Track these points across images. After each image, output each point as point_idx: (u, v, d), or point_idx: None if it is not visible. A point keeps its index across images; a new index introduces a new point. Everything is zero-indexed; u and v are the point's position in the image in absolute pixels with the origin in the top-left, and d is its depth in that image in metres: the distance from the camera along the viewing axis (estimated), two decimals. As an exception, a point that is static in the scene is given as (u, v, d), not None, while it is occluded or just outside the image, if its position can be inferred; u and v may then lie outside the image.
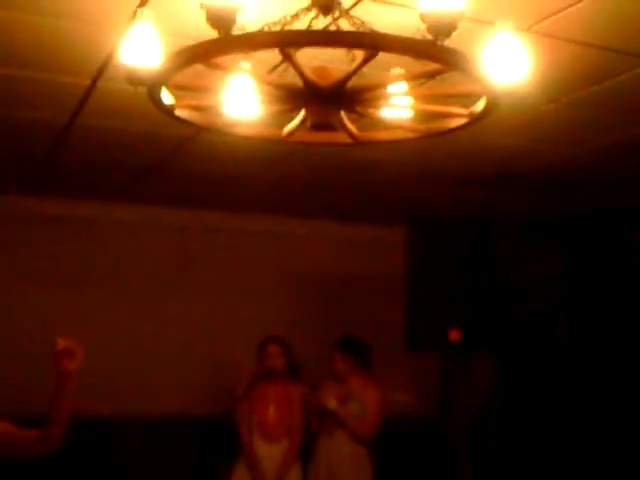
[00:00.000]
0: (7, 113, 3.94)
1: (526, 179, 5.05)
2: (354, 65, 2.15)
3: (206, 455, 6.12)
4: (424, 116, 2.73)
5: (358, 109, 2.46)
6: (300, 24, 2.28)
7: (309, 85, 2.25)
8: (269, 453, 5.28)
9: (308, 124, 2.49)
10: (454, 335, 5.21)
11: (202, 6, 1.94)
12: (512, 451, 6.48)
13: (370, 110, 2.51)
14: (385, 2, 2.67)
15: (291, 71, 2.30)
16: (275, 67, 3.00)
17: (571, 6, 2.70)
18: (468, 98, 2.48)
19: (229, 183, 5.56)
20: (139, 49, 2.19)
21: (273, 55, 2.44)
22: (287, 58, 2.11)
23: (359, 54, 2.15)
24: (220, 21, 1.95)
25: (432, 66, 2.23)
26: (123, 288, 6.31)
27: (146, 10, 2.24)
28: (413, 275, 5.42)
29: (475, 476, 6.55)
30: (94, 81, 3.38)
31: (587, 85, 3.48)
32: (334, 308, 6.64)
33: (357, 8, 2.60)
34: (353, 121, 2.64)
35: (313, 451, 5.48)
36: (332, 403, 5.33)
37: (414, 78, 2.28)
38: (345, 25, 2.29)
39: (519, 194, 5.51)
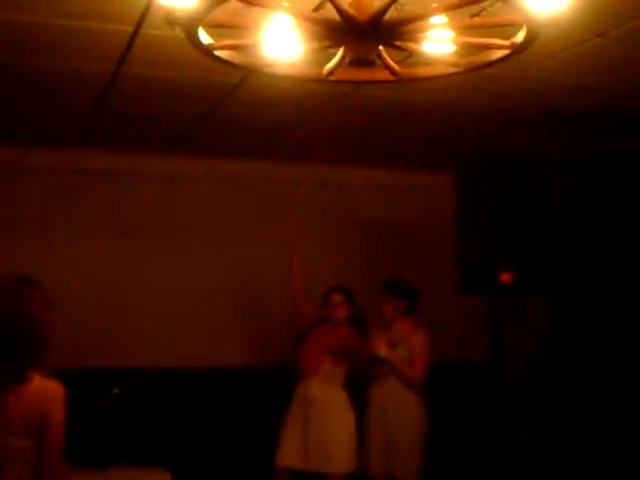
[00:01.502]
0: (52, 64, 3.98)
1: (576, 117, 4.96)
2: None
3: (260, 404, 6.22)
4: (466, 51, 2.70)
5: (397, 43, 2.44)
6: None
7: (346, 19, 2.24)
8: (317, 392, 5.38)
9: (348, 61, 2.48)
10: (505, 278, 5.18)
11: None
12: (567, 398, 6.44)
13: (410, 44, 2.49)
14: None
15: (329, 6, 2.29)
16: (315, 8, 2.98)
17: None
18: (510, 30, 2.44)
19: (278, 131, 5.57)
20: (176, -11, 2.20)
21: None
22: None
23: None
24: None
25: (470, -5, 2.19)
26: (174, 240, 6.38)
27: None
28: (463, 218, 5.38)
29: (531, 424, 6.54)
30: (137, 28, 3.39)
31: (637, 16, 3.38)
32: (386, 255, 6.64)
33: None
34: (397, 62, 2.62)
35: (366, 398, 5.54)
36: (383, 351, 5.37)
37: (454, 7, 2.24)
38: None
39: (569, 133, 5.41)
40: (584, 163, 5.98)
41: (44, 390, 2.62)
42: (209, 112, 4.98)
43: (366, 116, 5.11)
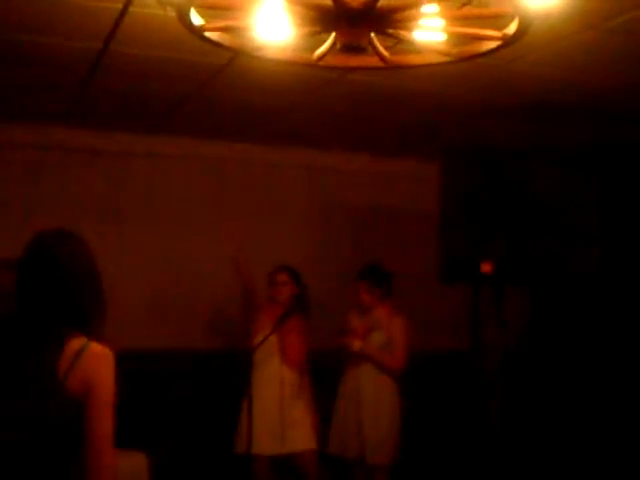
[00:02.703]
0: (40, 41, 3.93)
1: (562, 110, 4.97)
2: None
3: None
4: (457, 40, 2.70)
5: (389, 31, 2.44)
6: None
7: (339, 3, 2.23)
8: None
9: (338, 47, 2.48)
10: (486, 267, 5.21)
11: None
12: (542, 389, 6.49)
13: (401, 32, 2.49)
14: None
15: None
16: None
17: None
18: (501, 21, 2.44)
19: (264, 115, 5.55)
20: (168, -32, 2.18)
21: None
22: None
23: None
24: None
25: (464, -15, 2.19)
26: (157, 221, 6.35)
27: None
28: (446, 207, 5.41)
29: (504, 413, 6.59)
30: (126, 6, 3.36)
31: (628, 9, 3.37)
32: (368, 241, 6.65)
33: None
34: (387, 49, 2.62)
35: (340, 384, 5.55)
36: (356, 345, 5.38)
37: (446, -2, 2.24)
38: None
39: (554, 126, 5.43)
40: (566, 155, 6.01)
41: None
42: (196, 93, 4.96)
43: (354, 102, 5.11)
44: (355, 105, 5.19)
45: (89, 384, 2.30)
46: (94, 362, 2.32)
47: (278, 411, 5.29)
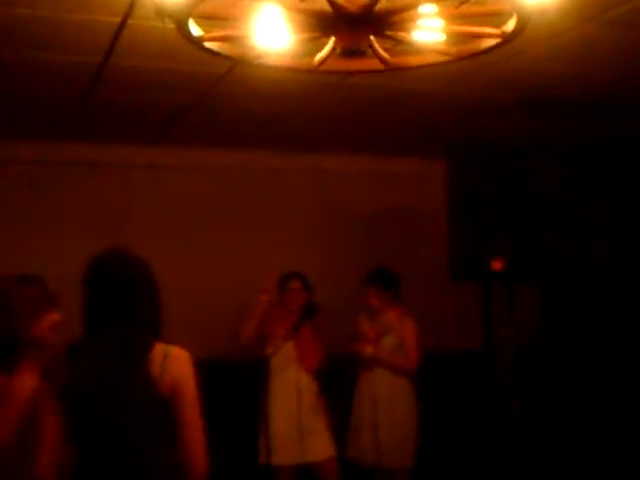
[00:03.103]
0: (40, 56, 3.94)
1: (563, 105, 4.96)
2: (381, -14, 2.12)
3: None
4: (456, 39, 2.69)
5: (388, 33, 2.43)
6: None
7: (337, 9, 2.23)
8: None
9: (338, 51, 2.47)
10: (497, 265, 5.19)
11: None
12: (557, 386, 6.47)
13: (401, 33, 2.48)
14: None
15: (319, -3, 2.28)
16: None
17: None
18: (500, 18, 2.44)
19: (265, 121, 5.55)
20: (165, -20, 2.18)
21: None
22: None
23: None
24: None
25: (461, -16, 2.19)
26: (160, 232, 6.34)
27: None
28: (454, 206, 5.39)
29: (519, 412, 6.56)
30: (124, 18, 3.37)
31: (626, 1, 3.37)
32: (374, 243, 6.64)
33: None
34: (386, 50, 2.61)
35: (356, 389, 5.54)
36: (368, 350, 5.38)
37: (443, -2, 2.24)
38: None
39: (557, 121, 5.42)
40: (570, 150, 5.99)
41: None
42: (196, 102, 4.96)
43: (354, 104, 5.10)
44: (356, 107, 5.18)
45: (177, 383, 2.65)
46: (179, 363, 2.69)
47: (296, 420, 5.23)
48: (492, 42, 2.48)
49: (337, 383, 5.49)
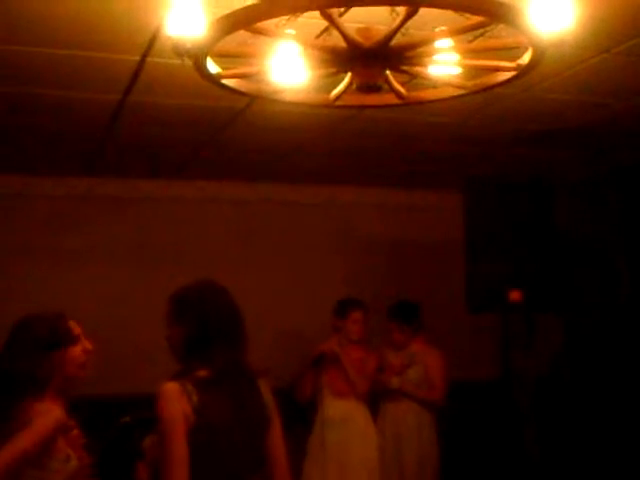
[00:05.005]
0: (61, 94, 4.00)
1: (580, 134, 4.97)
2: (397, 22, 2.15)
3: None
4: (472, 73, 2.72)
5: (404, 68, 2.46)
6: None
7: (353, 45, 2.26)
8: (341, 409, 5.25)
9: (355, 86, 2.50)
10: (515, 295, 5.17)
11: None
12: (577, 417, 6.40)
13: (416, 68, 2.51)
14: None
15: (335, 34, 2.31)
16: (320, 33, 3.00)
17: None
18: (515, 51, 2.46)
19: (282, 154, 5.59)
20: (184, 20, 2.22)
21: (317, 20, 2.45)
22: (328, 19, 2.12)
23: (401, 12, 2.14)
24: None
25: (475, 19, 2.21)
26: (184, 265, 6.36)
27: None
28: (472, 237, 5.38)
29: (540, 442, 6.49)
30: (144, 57, 3.42)
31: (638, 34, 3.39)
32: (393, 274, 6.64)
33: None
34: (402, 84, 2.64)
35: (378, 419, 5.49)
36: (395, 382, 5.35)
37: (458, 33, 2.27)
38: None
39: (573, 150, 5.42)
40: (591, 180, 5.98)
41: None
42: (215, 137, 5.01)
43: (371, 138, 5.13)
44: (373, 140, 5.21)
45: (272, 408, 2.85)
46: (266, 389, 2.86)
47: (344, 449, 5.19)
48: (508, 75, 2.51)
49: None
